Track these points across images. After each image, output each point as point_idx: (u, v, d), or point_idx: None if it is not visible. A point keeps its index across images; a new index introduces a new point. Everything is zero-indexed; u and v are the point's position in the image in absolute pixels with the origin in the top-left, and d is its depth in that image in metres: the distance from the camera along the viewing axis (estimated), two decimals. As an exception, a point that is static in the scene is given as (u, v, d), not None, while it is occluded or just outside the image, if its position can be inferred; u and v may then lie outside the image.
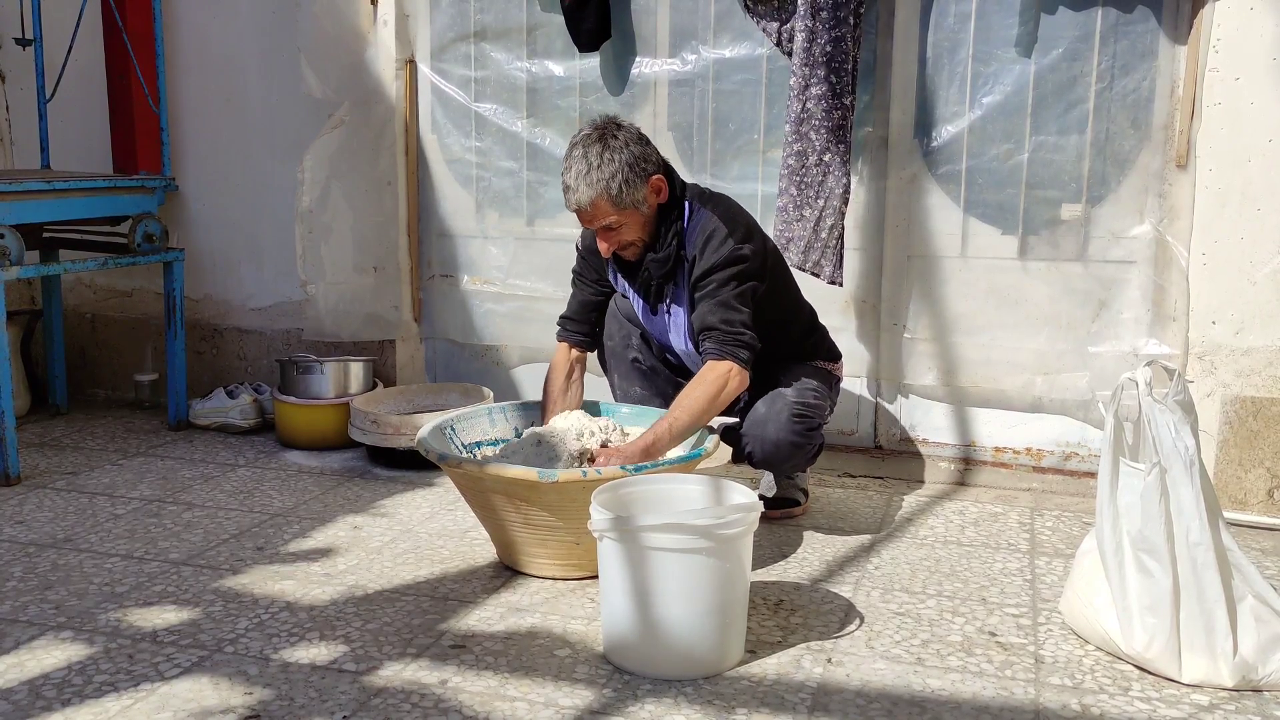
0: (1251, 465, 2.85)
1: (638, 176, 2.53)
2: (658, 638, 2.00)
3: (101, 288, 4.16)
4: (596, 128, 2.55)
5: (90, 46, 3.79)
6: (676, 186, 2.64)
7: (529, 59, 3.54)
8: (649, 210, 2.58)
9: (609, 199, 2.51)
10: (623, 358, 2.88)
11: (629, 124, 2.59)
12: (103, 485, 3.14)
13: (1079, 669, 2.06)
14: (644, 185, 2.54)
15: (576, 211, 2.57)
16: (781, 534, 2.78)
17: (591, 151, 2.51)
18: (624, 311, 2.86)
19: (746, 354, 2.53)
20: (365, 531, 2.78)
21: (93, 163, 3.96)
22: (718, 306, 2.55)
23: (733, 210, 2.65)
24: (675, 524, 1.96)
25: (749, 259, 2.58)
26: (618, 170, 2.50)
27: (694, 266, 2.59)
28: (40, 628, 2.20)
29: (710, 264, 2.56)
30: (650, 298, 2.73)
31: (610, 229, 2.57)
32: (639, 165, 2.53)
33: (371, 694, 1.94)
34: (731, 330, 2.53)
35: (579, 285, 2.90)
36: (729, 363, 2.51)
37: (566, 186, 2.54)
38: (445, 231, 3.76)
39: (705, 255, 2.57)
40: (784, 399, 2.64)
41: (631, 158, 2.52)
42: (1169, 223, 2.94)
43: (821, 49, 2.93)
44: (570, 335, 2.88)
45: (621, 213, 2.54)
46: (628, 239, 2.60)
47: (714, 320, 2.54)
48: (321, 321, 3.69)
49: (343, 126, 3.61)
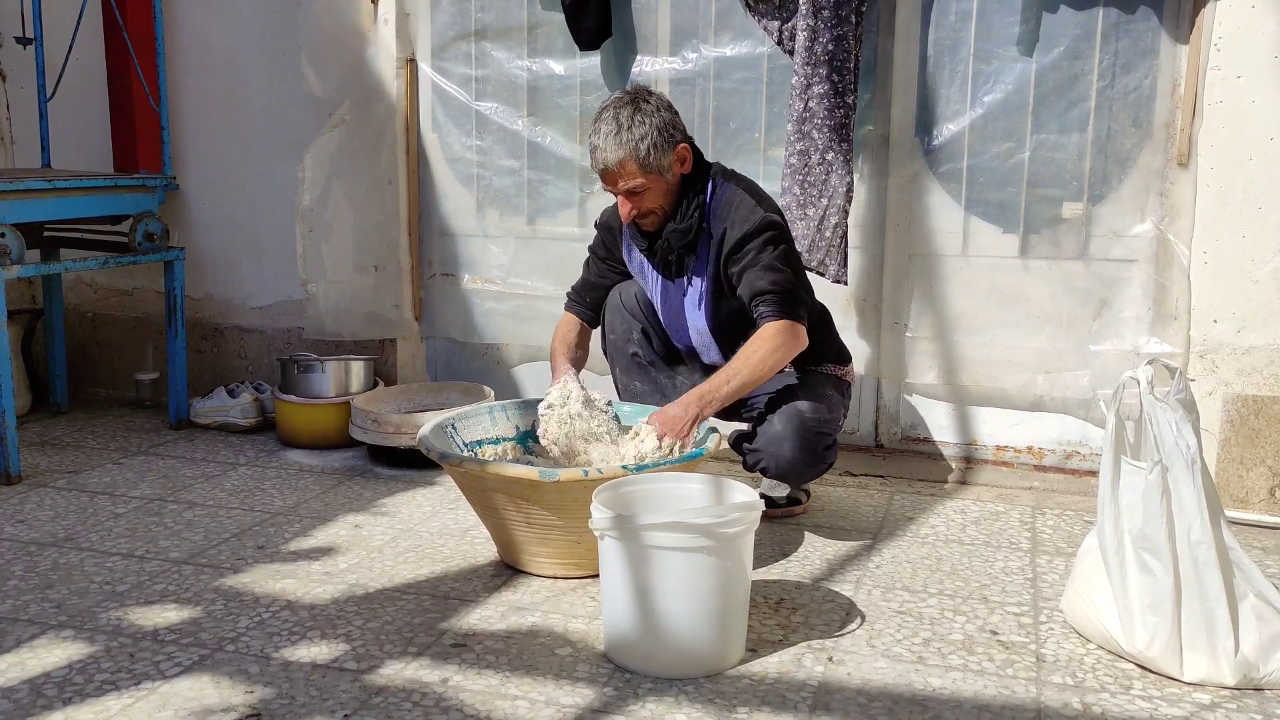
0: (1253, 464, 2.85)
1: (666, 142, 2.53)
2: (659, 636, 2.00)
3: (102, 287, 4.16)
4: (628, 92, 2.57)
5: (91, 45, 3.79)
6: (700, 162, 2.65)
7: (530, 58, 3.54)
8: (673, 178, 2.58)
9: (637, 161, 2.51)
10: (624, 352, 2.88)
11: (659, 92, 2.61)
12: (104, 484, 3.14)
13: (1080, 668, 2.06)
14: (671, 152, 2.55)
15: (602, 172, 2.56)
16: (783, 533, 2.78)
17: (623, 113, 2.51)
18: (626, 305, 2.85)
19: (804, 311, 2.54)
20: (366, 530, 2.78)
21: (93, 162, 3.96)
22: (764, 270, 2.54)
23: (755, 187, 2.67)
24: (676, 523, 1.96)
25: (781, 225, 2.60)
26: (648, 133, 2.50)
27: (723, 239, 2.59)
28: (41, 626, 2.20)
29: (744, 231, 2.55)
30: (670, 271, 2.72)
31: (634, 193, 2.56)
32: (668, 131, 2.54)
33: (372, 692, 1.94)
34: (784, 289, 2.52)
35: (591, 262, 2.91)
36: (785, 321, 2.50)
37: (594, 147, 2.54)
38: (446, 230, 3.75)
39: (736, 224, 2.56)
40: (800, 417, 2.62)
41: (662, 122, 2.53)
42: (1170, 221, 2.94)
43: (823, 47, 2.93)
44: (575, 307, 2.91)
45: (647, 176, 2.53)
46: (649, 205, 2.59)
47: (764, 284, 2.53)
48: (322, 320, 3.68)
49: (343, 125, 3.61)
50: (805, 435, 2.61)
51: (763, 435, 2.65)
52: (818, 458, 2.66)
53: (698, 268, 2.68)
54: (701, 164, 2.65)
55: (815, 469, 2.70)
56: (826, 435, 2.67)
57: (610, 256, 2.87)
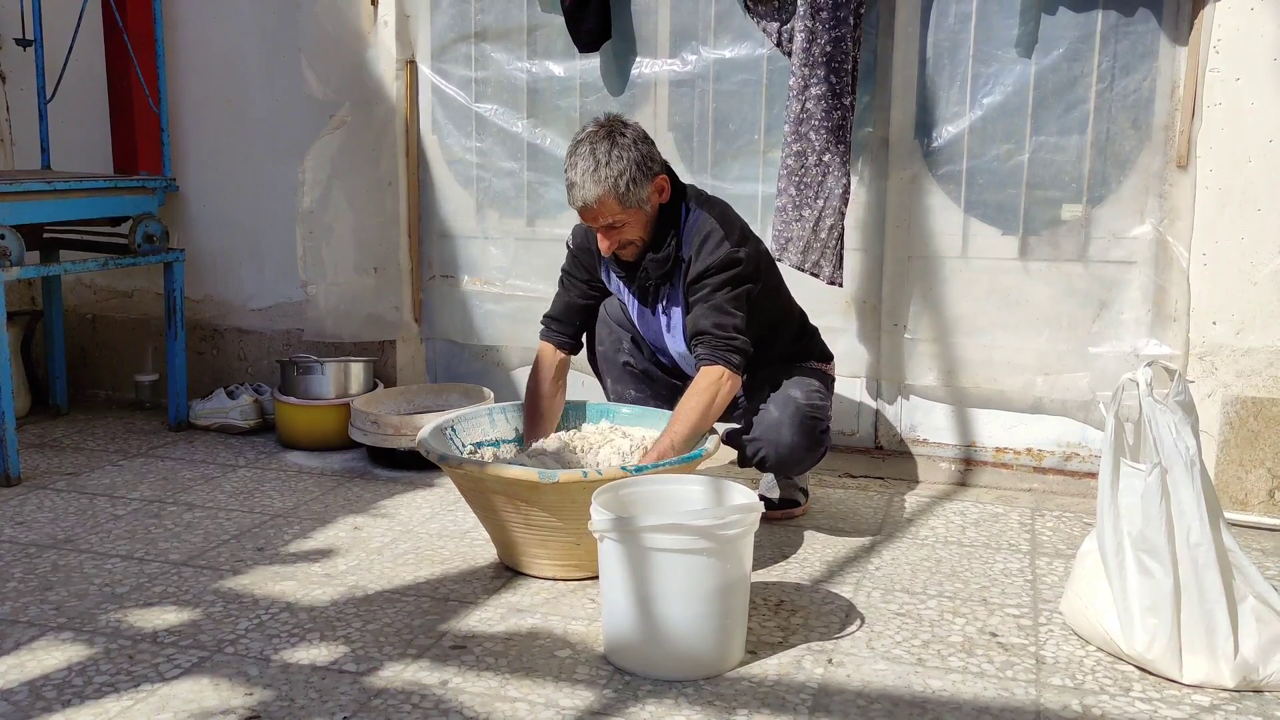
0: (1252, 466, 2.85)
1: (644, 176, 2.52)
2: (658, 638, 2.00)
3: (102, 288, 4.16)
4: (602, 125, 2.54)
5: (91, 47, 3.79)
6: (676, 188, 2.64)
7: (529, 59, 3.54)
8: (651, 210, 2.58)
9: (615, 197, 2.50)
10: (615, 362, 2.87)
11: (634, 122, 2.59)
12: (103, 486, 3.14)
13: (1080, 669, 2.06)
14: (649, 184, 2.54)
15: (580, 209, 2.55)
16: (782, 534, 2.78)
17: (600, 149, 2.49)
18: (614, 316, 2.85)
19: (739, 359, 2.53)
20: (366, 532, 2.78)
21: (93, 163, 3.96)
22: (711, 310, 2.55)
23: (728, 214, 2.66)
24: (676, 524, 1.96)
25: (744, 262, 2.58)
26: (625, 168, 2.49)
27: (689, 267, 2.58)
28: (41, 628, 2.20)
29: (705, 266, 2.55)
30: (647, 299, 2.73)
31: (613, 227, 2.56)
32: (645, 165, 2.53)
33: (372, 695, 1.94)
34: (724, 335, 2.53)
35: (567, 284, 2.86)
36: (720, 368, 2.52)
37: (571, 183, 2.52)
38: (446, 232, 3.76)
39: (701, 257, 2.56)
40: (794, 403, 2.63)
41: (639, 156, 2.52)
42: (1169, 223, 2.94)
43: (821, 49, 2.93)
44: (554, 336, 2.84)
45: (626, 211, 2.53)
46: (629, 238, 2.59)
47: (707, 325, 2.54)
48: (322, 322, 3.68)
49: (344, 127, 3.61)
50: (802, 420, 2.62)
51: (760, 423, 2.65)
52: (815, 441, 2.67)
53: (673, 296, 2.68)
54: (678, 191, 2.64)
55: (814, 454, 2.70)
56: (821, 420, 2.68)
57: (591, 278, 2.84)
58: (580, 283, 2.85)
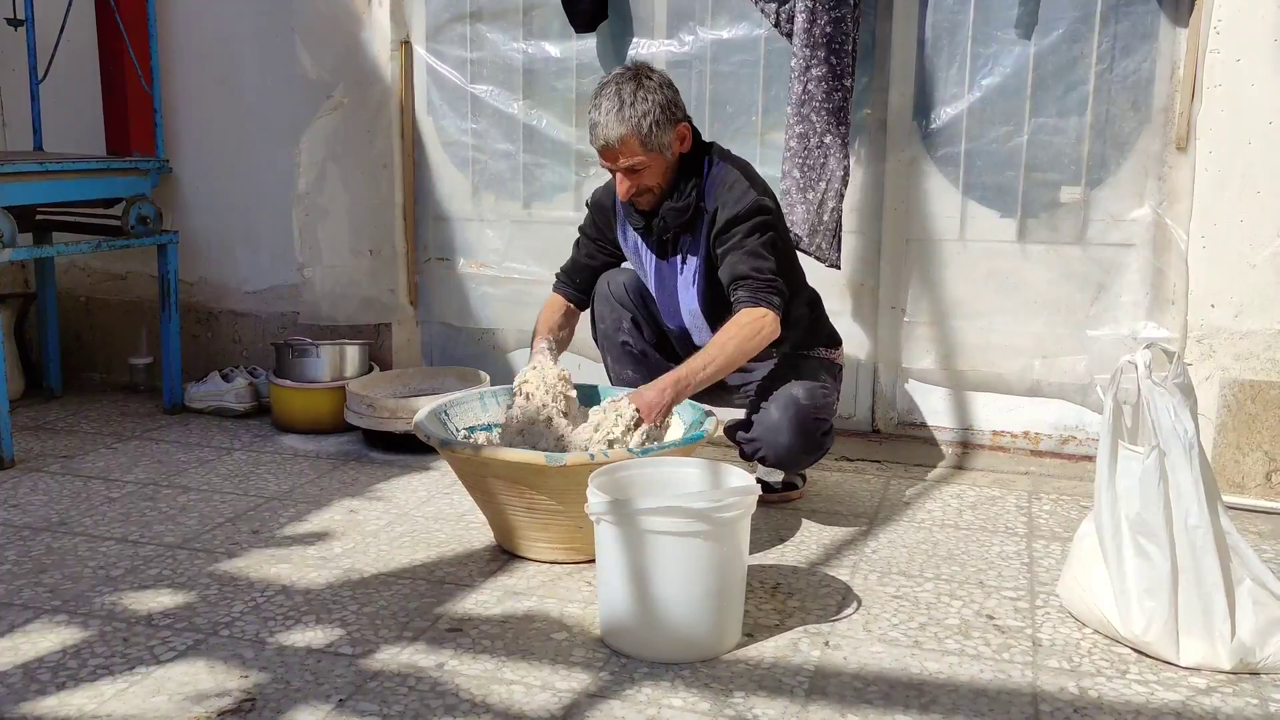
0: (1249, 449, 2.85)
1: (668, 120, 2.52)
2: (655, 621, 2.00)
3: (96, 270, 4.14)
4: (629, 68, 2.55)
5: (82, 27, 3.76)
6: (698, 141, 2.64)
7: (525, 40, 3.52)
8: (672, 157, 2.57)
9: (639, 138, 2.49)
10: (614, 340, 2.86)
11: (660, 69, 2.60)
12: (97, 469, 3.13)
13: (1076, 652, 2.06)
14: (671, 130, 2.54)
15: (602, 148, 2.54)
16: (779, 517, 2.78)
17: (625, 89, 2.49)
18: (615, 294, 2.83)
19: (779, 300, 2.53)
20: (361, 515, 2.77)
21: (86, 144, 3.93)
22: (747, 255, 2.53)
23: (750, 170, 2.67)
24: (673, 507, 1.96)
25: (772, 211, 2.60)
26: (650, 109, 2.49)
27: (714, 218, 2.58)
28: (35, 611, 2.19)
29: (735, 213, 2.55)
30: (665, 250, 2.71)
31: (634, 170, 2.54)
32: (670, 109, 2.53)
33: (368, 677, 1.94)
34: (763, 277, 2.52)
35: (581, 242, 2.89)
36: (764, 309, 2.50)
37: (595, 123, 2.52)
38: (441, 214, 3.74)
39: (728, 205, 2.56)
40: (796, 404, 2.60)
41: (665, 100, 2.52)
42: (1168, 205, 2.93)
43: (821, 30, 2.91)
44: (563, 289, 2.88)
45: (648, 154, 2.52)
46: (648, 183, 2.58)
47: (745, 269, 2.53)
48: (317, 305, 3.67)
49: (339, 109, 3.59)
50: (803, 422, 2.60)
51: (760, 424, 2.64)
52: (815, 444, 2.66)
53: (693, 247, 2.67)
54: (699, 143, 2.64)
55: (813, 455, 2.70)
56: (824, 421, 2.67)
57: (601, 237, 2.85)
58: (591, 241, 2.86)
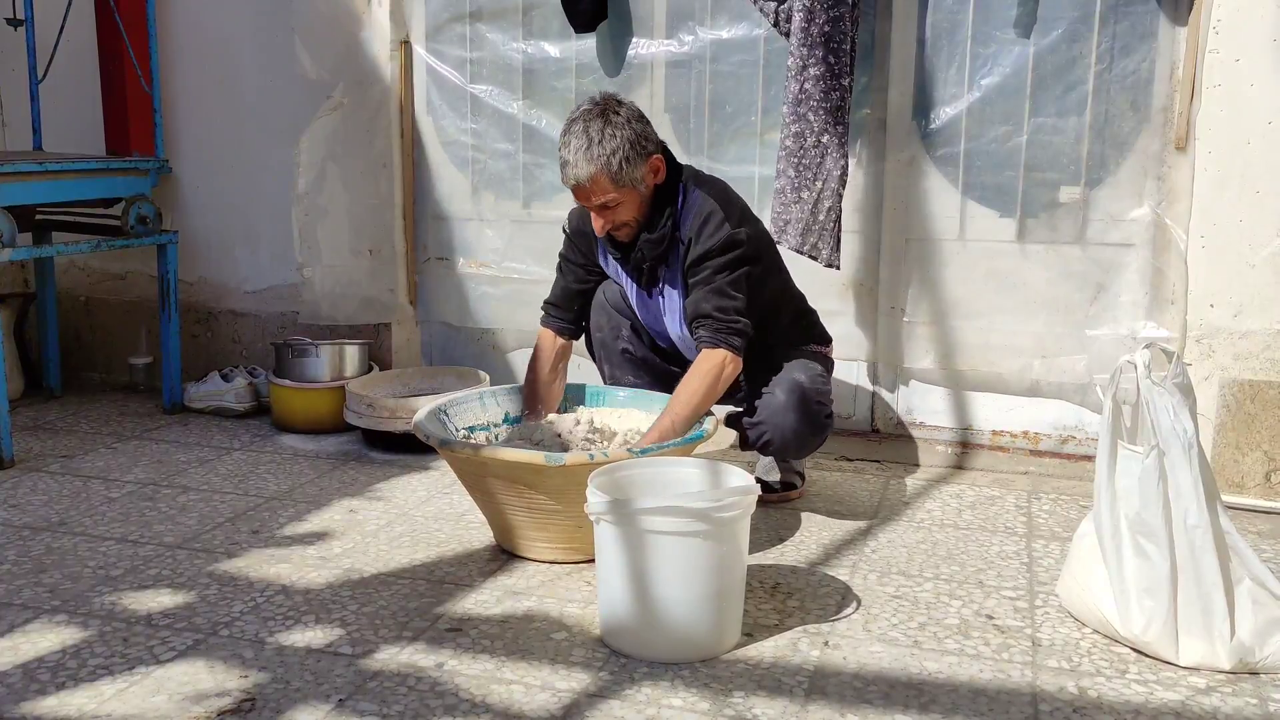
0: (1249, 449, 2.85)
1: (638, 155, 2.49)
2: (655, 621, 2.00)
3: (95, 270, 4.14)
4: (597, 104, 2.51)
5: (82, 27, 3.76)
6: (672, 168, 2.61)
7: (525, 40, 3.51)
8: (646, 190, 2.55)
9: (609, 176, 2.47)
10: (613, 349, 2.86)
11: (629, 101, 2.57)
12: (97, 469, 3.13)
13: (1076, 652, 2.06)
14: (643, 164, 2.51)
15: (574, 188, 2.53)
16: (778, 517, 2.78)
17: (593, 126, 2.47)
18: (612, 302, 2.83)
19: (740, 341, 2.53)
20: (361, 515, 2.77)
21: (85, 144, 3.93)
22: (712, 294, 2.53)
23: (727, 193, 2.64)
24: (673, 507, 1.96)
25: (744, 243, 2.56)
26: (619, 147, 2.46)
27: (689, 249, 2.57)
28: (34, 611, 2.19)
29: (706, 249, 2.54)
30: (643, 281, 2.71)
31: (607, 207, 2.53)
32: (639, 144, 2.50)
33: (368, 677, 1.94)
34: (725, 318, 2.52)
35: (565, 269, 2.86)
36: (723, 350, 2.51)
37: (565, 161, 2.50)
38: (441, 214, 3.74)
39: (701, 239, 2.54)
40: (799, 387, 2.62)
41: (633, 135, 2.49)
42: (1168, 205, 2.93)
43: (820, 29, 2.91)
44: (554, 322, 2.85)
45: (620, 190, 2.50)
46: (623, 219, 2.56)
47: (708, 308, 2.53)
48: (317, 304, 3.67)
49: (338, 109, 3.59)
50: (807, 404, 2.62)
51: (765, 408, 2.64)
52: (819, 425, 2.67)
53: (670, 277, 2.66)
54: (674, 171, 2.61)
55: (817, 437, 2.70)
56: (825, 405, 2.68)
57: (587, 261, 2.83)
58: (577, 267, 2.84)
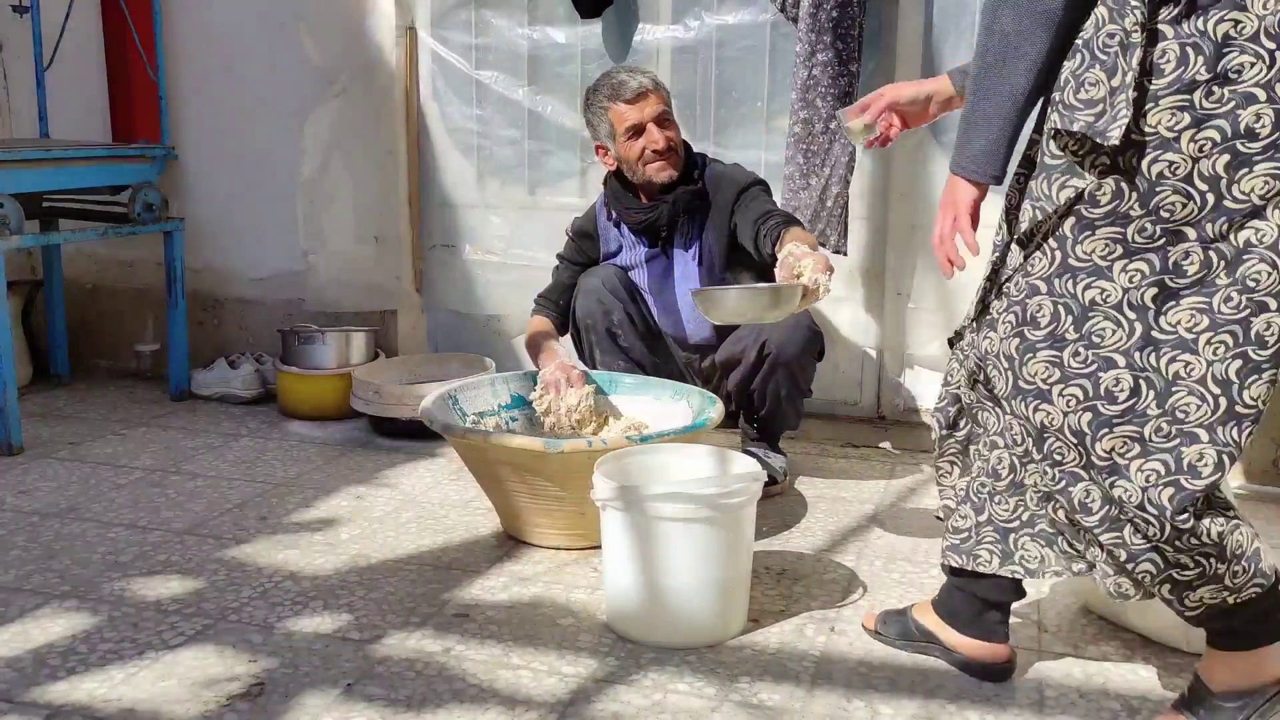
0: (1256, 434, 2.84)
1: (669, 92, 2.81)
2: (661, 607, 2.00)
3: (102, 258, 4.14)
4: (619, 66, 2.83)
5: (87, 14, 3.76)
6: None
7: (530, 26, 3.51)
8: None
9: (664, 91, 2.76)
10: (601, 333, 2.84)
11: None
12: (105, 455, 3.14)
13: (1082, 638, 2.07)
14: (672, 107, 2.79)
15: (637, 94, 2.70)
16: (784, 504, 2.78)
17: (628, 65, 2.79)
18: (608, 285, 2.83)
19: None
20: (368, 501, 2.78)
21: (91, 132, 3.93)
22: (766, 202, 2.75)
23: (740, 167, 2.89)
24: (679, 493, 1.96)
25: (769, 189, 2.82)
26: (657, 76, 2.78)
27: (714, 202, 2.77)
28: (44, 597, 2.20)
29: (744, 182, 2.77)
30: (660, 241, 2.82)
31: (666, 120, 2.73)
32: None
33: (375, 662, 1.95)
34: (786, 213, 2.71)
35: (564, 268, 2.96)
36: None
37: (622, 82, 2.71)
38: (446, 201, 3.73)
39: (737, 179, 2.78)
40: (804, 319, 2.66)
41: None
42: (1176, 191, 2.92)
43: (828, 14, 2.90)
44: (548, 312, 2.94)
45: (670, 109, 2.76)
46: (676, 140, 2.75)
47: (771, 208, 2.73)
48: (323, 291, 3.67)
49: (343, 95, 3.58)
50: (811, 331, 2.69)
51: (774, 328, 2.63)
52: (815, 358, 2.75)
53: (691, 238, 2.80)
54: (688, 145, 2.84)
55: (813, 347, 2.72)
56: (820, 345, 2.74)
57: (588, 262, 2.93)
58: (576, 265, 2.94)
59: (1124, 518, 1.58)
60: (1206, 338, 1.50)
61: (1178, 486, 1.54)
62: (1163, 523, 1.54)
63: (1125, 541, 1.59)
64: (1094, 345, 1.55)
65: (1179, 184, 1.46)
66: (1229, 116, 1.43)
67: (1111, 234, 1.51)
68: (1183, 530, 1.54)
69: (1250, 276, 1.48)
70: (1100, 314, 1.54)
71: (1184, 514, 1.53)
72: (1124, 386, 1.54)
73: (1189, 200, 1.47)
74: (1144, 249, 1.51)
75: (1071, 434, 1.58)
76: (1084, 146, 1.52)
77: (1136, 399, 1.54)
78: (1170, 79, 1.44)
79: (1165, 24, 1.44)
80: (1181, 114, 1.44)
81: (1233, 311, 1.49)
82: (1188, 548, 1.55)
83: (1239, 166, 1.45)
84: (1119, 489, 1.56)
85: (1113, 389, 1.54)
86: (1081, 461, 1.59)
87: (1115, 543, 1.60)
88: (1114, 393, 1.55)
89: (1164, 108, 1.45)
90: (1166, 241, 1.50)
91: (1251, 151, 1.44)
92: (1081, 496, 1.61)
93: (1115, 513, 1.59)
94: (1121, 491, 1.56)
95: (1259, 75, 1.42)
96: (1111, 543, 1.61)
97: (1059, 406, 1.58)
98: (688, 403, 2.65)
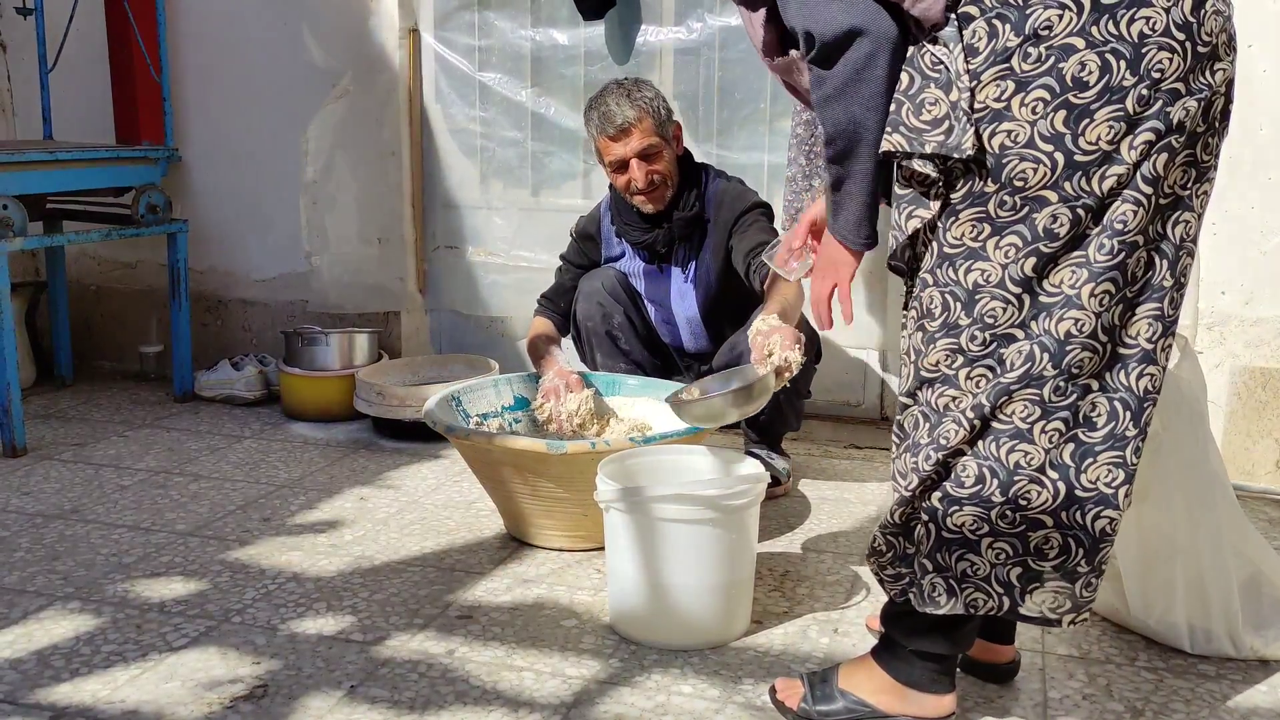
0: (1259, 436, 2.84)
1: (668, 112, 2.69)
2: (664, 608, 2.00)
3: (106, 259, 4.15)
4: (620, 80, 2.69)
5: (91, 15, 3.76)
6: (688, 152, 2.77)
7: (533, 27, 3.51)
8: (674, 151, 2.70)
9: (653, 118, 2.63)
10: (602, 335, 2.85)
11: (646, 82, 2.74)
12: (109, 456, 3.14)
13: (1086, 639, 2.06)
14: (671, 124, 2.70)
15: (618, 130, 2.62)
16: (788, 505, 2.78)
17: (625, 84, 2.66)
18: (608, 289, 2.84)
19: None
20: (372, 503, 2.78)
21: (95, 133, 3.93)
22: (761, 231, 2.67)
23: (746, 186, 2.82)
24: (682, 495, 1.96)
25: (770, 212, 2.76)
26: (655, 96, 2.66)
27: (715, 223, 2.73)
28: (48, 598, 2.21)
29: (745, 205, 2.71)
30: (658, 259, 2.79)
31: (649, 155, 2.64)
32: (667, 105, 2.70)
33: (379, 664, 1.95)
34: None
35: (566, 270, 2.96)
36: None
37: (607, 112, 2.63)
38: (450, 202, 3.74)
39: (739, 200, 2.72)
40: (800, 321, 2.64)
41: (660, 96, 2.69)
42: (1179, 192, 2.91)
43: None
44: (550, 314, 2.93)
45: (661, 139, 2.65)
46: (662, 172, 2.67)
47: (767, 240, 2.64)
48: (326, 293, 3.68)
49: (346, 96, 3.59)
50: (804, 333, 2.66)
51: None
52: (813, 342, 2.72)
53: (688, 257, 2.77)
54: (690, 156, 2.78)
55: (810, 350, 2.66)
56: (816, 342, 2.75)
57: (591, 264, 2.92)
58: (578, 267, 2.93)
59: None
60: (1089, 290, 1.47)
61: (1077, 442, 1.53)
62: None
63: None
64: (989, 326, 1.51)
65: (1023, 150, 1.44)
66: (1052, 72, 1.41)
67: (974, 214, 1.50)
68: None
69: (1118, 220, 1.45)
70: (987, 295, 1.51)
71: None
72: (1023, 354, 1.51)
73: (1038, 164, 1.44)
74: (1010, 222, 1.48)
75: (972, 411, 1.55)
76: (936, 164, 1.50)
77: (1031, 364, 1.52)
78: (985, 54, 1.43)
79: (970, 5, 1.44)
80: (1005, 82, 1.43)
81: (1108, 258, 1.45)
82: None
83: (1079, 119, 1.42)
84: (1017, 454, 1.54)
85: (1016, 361, 1.51)
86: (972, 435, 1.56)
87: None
88: (1014, 362, 1.52)
89: (986, 82, 1.44)
90: (1030, 210, 1.47)
91: (1086, 100, 1.41)
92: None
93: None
94: (1021, 456, 1.54)
95: (1070, 25, 1.40)
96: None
97: (966, 389, 1.56)
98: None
